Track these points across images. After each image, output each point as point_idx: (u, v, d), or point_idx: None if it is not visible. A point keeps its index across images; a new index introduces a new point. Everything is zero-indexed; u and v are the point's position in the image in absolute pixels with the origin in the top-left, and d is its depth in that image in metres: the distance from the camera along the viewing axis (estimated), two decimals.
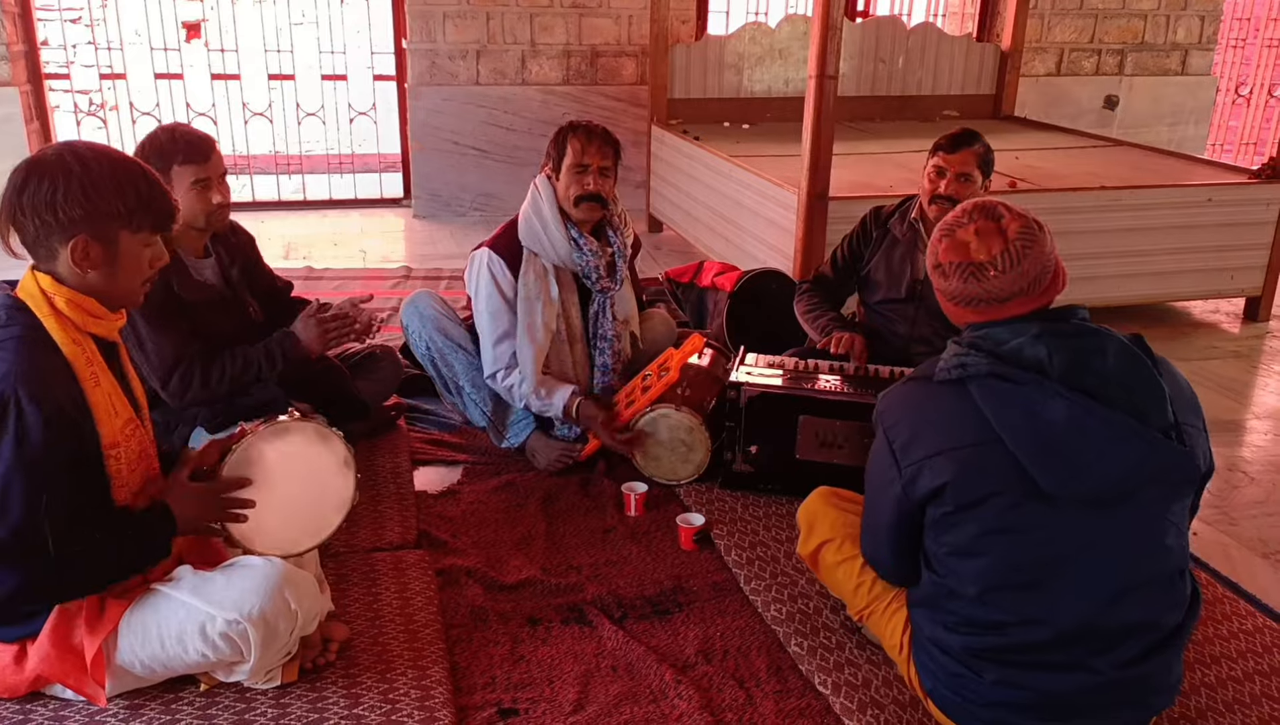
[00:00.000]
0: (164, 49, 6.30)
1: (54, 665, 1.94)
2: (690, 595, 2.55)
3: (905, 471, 1.86)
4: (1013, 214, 1.84)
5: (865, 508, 2.09)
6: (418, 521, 2.81)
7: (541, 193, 3.07)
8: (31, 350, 1.83)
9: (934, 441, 1.84)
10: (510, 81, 6.30)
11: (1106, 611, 1.82)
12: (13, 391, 1.77)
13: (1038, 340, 1.78)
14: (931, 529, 1.89)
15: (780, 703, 2.17)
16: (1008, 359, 1.79)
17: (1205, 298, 4.95)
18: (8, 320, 1.86)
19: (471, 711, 2.12)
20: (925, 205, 3.21)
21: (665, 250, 5.77)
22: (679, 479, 3.04)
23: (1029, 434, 1.75)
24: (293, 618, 1.98)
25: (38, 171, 1.82)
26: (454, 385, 3.23)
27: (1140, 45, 7.37)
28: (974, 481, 1.80)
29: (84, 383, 1.88)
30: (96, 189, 1.82)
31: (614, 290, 3.17)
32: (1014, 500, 1.78)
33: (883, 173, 4.80)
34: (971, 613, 1.88)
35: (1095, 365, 1.77)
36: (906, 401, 1.95)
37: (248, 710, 2.05)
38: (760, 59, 6.25)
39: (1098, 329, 1.82)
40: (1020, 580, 1.83)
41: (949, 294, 1.89)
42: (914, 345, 3.28)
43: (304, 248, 5.65)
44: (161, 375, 2.65)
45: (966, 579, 1.86)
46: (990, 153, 3.17)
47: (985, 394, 1.79)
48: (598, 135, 3.03)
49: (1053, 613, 1.82)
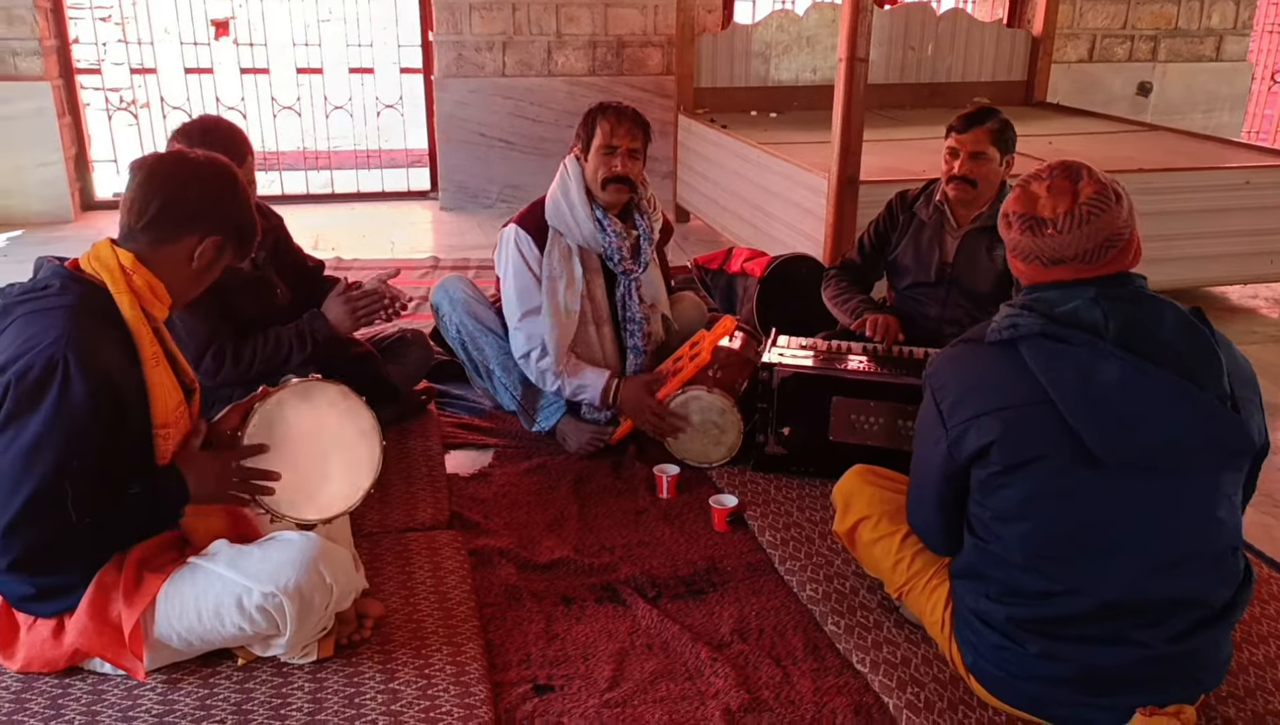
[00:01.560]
0: (194, 44, 6.33)
1: (92, 639, 1.95)
2: (724, 575, 2.53)
3: (951, 431, 1.84)
4: (1092, 178, 1.79)
5: (911, 472, 2.07)
6: (450, 503, 2.80)
7: (570, 173, 3.05)
8: (86, 319, 1.85)
9: (981, 401, 1.81)
10: (536, 73, 6.29)
11: (1153, 583, 1.78)
12: (63, 356, 1.79)
13: (1094, 303, 1.75)
14: (977, 492, 1.87)
15: (817, 680, 2.15)
16: (1062, 321, 1.76)
17: (1243, 282, 4.87)
18: (61, 289, 1.88)
19: (507, 687, 2.11)
20: (944, 186, 3.18)
21: (693, 239, 5.74)
22: (711, 461, 3.02)
23: (1080, 394, 1.72)
24: (328, 592, 1.98)
25: (220, 168, 2.01)
26: (484, 369, 3.22)
27: (1174, 31, 7.27)
28: (1021, 442, 1.77)
29: (145, 361, 1.91)
30: (241, 207, 2.03)
31: (636, 273, 3.15)
32: (1061, 464, 1.75)
33: (913, 158, 4.75)
34: (1016, 581, 1.85)
35: (1152, 331, 1.74)
36: (956, 362, 1.92)
37: (284, 684, 2.06)
38: (787, 47, 6.21)
39: (1156, 296, 1.79)
40: (1065, 547, 1.80)
41: (1009, 244, 1.86)
42: (946, 327, 3.24)
43: (332, 239, 5.67)
44: (195, 355, 2.66)
45: (1011, 545, 1.83)
46: (1008, 129, 3.11)
47: (1036, 354, 1.76)
48: (627, 116, 3.01)
49: (1097, 582, 1.79)
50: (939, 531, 2.02)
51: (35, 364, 1.78)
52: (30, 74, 5.67)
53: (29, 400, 1.79)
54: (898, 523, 2.16)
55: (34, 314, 1.86)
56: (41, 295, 1.88)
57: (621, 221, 3.09)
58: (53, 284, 1.89)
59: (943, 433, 1.86)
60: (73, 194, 5.85)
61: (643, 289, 3.18)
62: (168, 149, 2.51)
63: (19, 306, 1.88)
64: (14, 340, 1.84)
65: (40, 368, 1.78)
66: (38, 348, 1.79)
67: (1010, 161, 3.15)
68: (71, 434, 1.81)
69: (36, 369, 1.78)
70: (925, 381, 1.96)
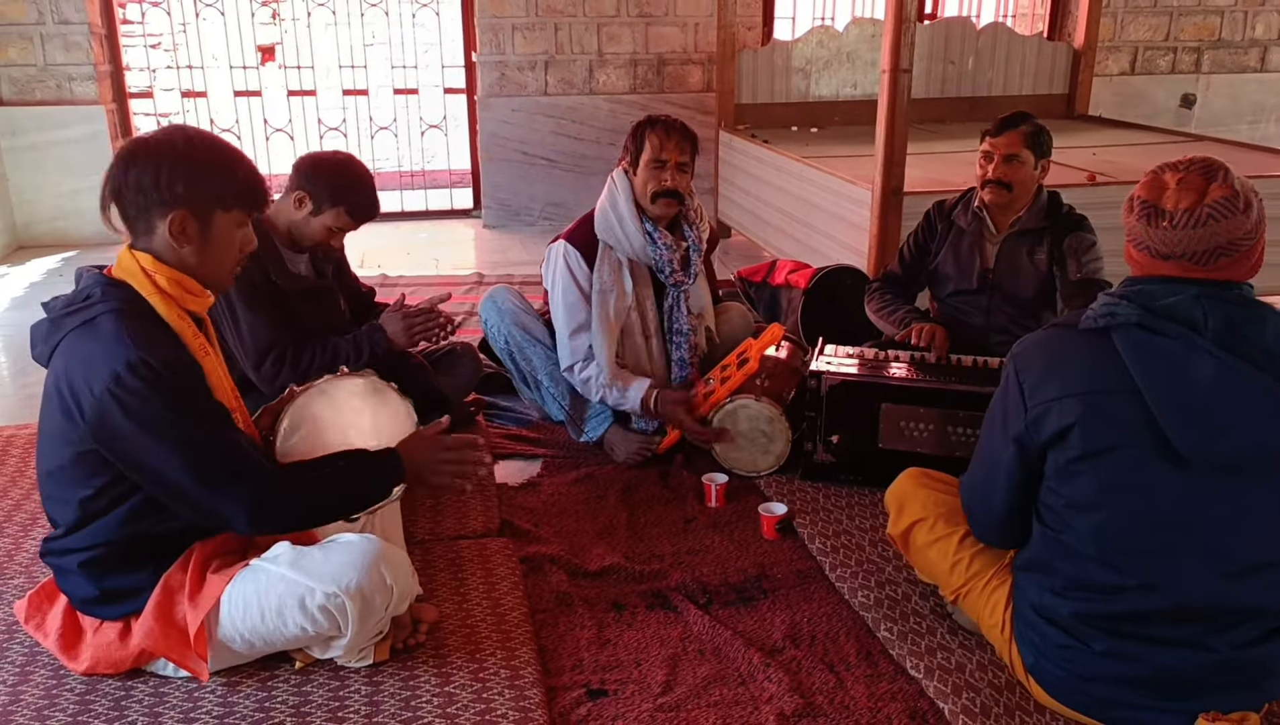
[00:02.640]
0: (243, 66, 6.47)
1: (158, 640, 1.99)
2: (775, 582, 2.53)
3: (1032, 410, 1.82)
4: (1226, 182, 1.74)
5: (978, 454, 2.04)
6: (500, 511, 2.83)
7: (618, 187, 3.08)
8: (133, 321, 1.89)
9: (1066, 384, 1.80)
10: (578, 91, 6.36)
11: (1227, 587, 1.76)
12: (137, 356, 1.83)
13: (1195, 301, 1.72)
14: (1052, 478, 1.84)
15: (871, 686, 2.14)
16: (1160, 313, 1.73)
17: None
18: (103, 296, 1.91)
19: (560, 692, 2.12)
20: (980, 191, 3.17)
21: (735, 254, 5.76)
22: (759, 470, 3.03)
23: (1171, 389, 1.70)
24: (388, 593, 2.01)
25: (144, 149, 1.90)
26: (532, 379, 3.25)
27: (1217, 42, 7.20)
28: (1101, 429, 1.75)
29: (195, 352, 1.95)
30: (197, 167, 1.90)
31: (687, 285, 3.17)
32: (1139, 457, 1.73)
33: (954, 171, 4.73)
34: (1086, 573, 1.83)
35: (1251, 333, 1.71)
36: (1044, 344, 1.90)
37: (342, 687, 2.08)
38: (827, 63, 6.23)
39: (1260, 301, 1.76)
40: (1140, 541, 1.78)
41: (1126, 227, 1.83)
42: (991, 335, 3.23)
43: (377, 256, 5.75)
44: (256, 358, 2.73)
45: (1084, 535, 1.81)
46: (1042, 133, 3.11)
47: (1129, 343, 1.74)
48: (676, 130, 3.04)
49: (1172, 581, 1.77)
50: (999, 520, 1.99)
51: (119, 372, 1.81)
52: (85, 98, 5.82)
53: (144, 398, 1.82)
54: (954, 524, 2.15)
55: (85, 327, 1.89)
56: (85, 306, 1.91)
57: (671, 233, 3.12)
58: (94, 293, 1.92)
59: (1022, 412, 1.84)
60: None
61: (690, 300, 3.20)
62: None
63: (67, 320, 1.92)
64: (77, 357, 1.87)
65: (127, 372, 1.81)
66: (110, 359, 1.82)
67: (1046, 166, 3.14)
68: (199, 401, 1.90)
69: (125, 374, 1.81)
70: (1010, 361, 1.93)
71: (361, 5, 6.44)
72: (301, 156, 2.92)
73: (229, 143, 2.04)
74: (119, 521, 1.97)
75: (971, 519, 2.08)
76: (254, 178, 2.00)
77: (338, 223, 2.83)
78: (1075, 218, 3.16)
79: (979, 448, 2.05)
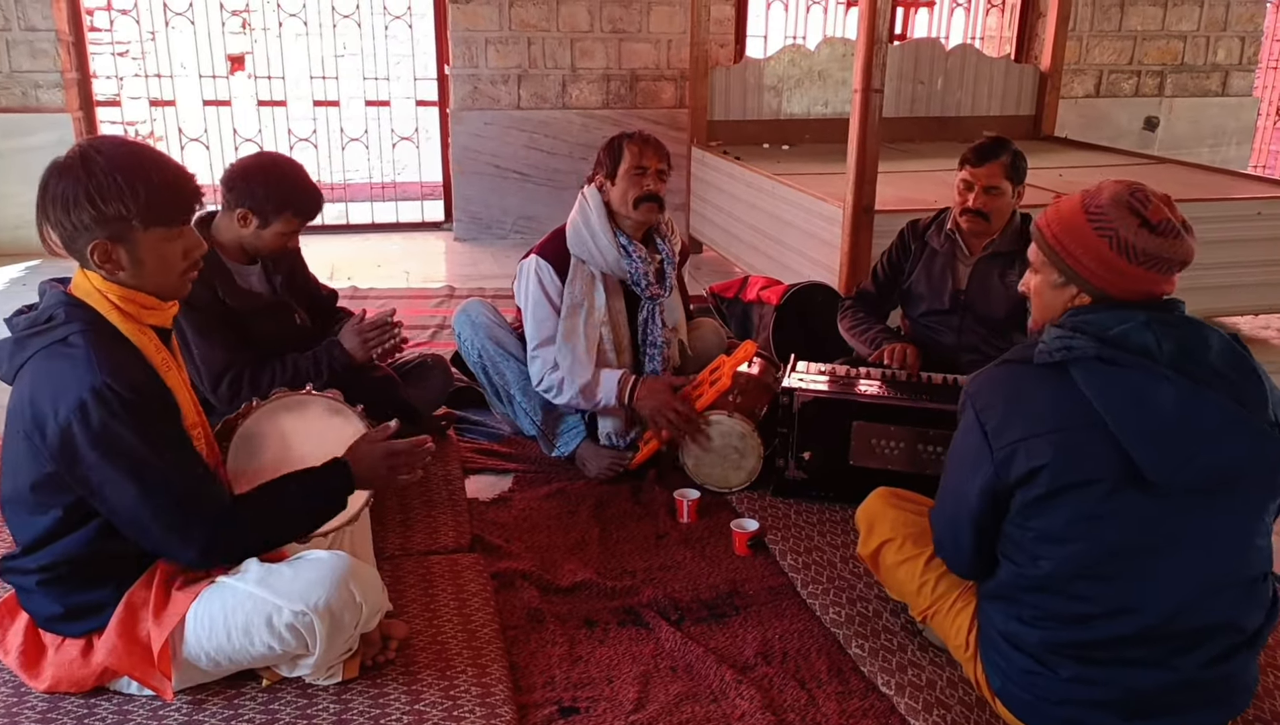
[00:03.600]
0: (212, 76, 6.42)
1: (121, 658, 1.96)
2: (746, 599, 2.53)
3: (998, 453, 1.82)
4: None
5: (942, 495, 2.05)
6: (471, 527, 2.81)
7: (590, 202, 3.08)
8: (100, 342, 1.86)
9: (1031, 423, 1.80)
10: (551, 105, 6.36)
11: (1193, 608, 1.78)
12: (103, 382, 1.80)
13: (1145, 327, 1.74)
14: (1019, 514, 1.85)
15: (843, 703, 2.14)
16: (1114, 343, 1.75)
17: (1255, 313, 4.89)
18: (67, 317, 1.88)
19: (532, 709, 2.11)
20: (957, 217, 3.21)
21: (707, 270, 5.78)
22: (731, 486, 3.03)
23: (1136, 418, 1.72)
24: (357, 610, 1.98)
25: (54, 176, 1.84)
26: (505, 393, 3.24)
27: (1180, 66, 7.34)
28: (1073, 465, 1.76)
29: (158, 368, 1.92)
30: (101, 192, 1.80)
31: (663, 296, 3.18)
32: (1111, 487, 1.74)
33: (924, 189, 4.79)
34: (1054, 605, 1.84)
35: (1201, 355, 1.74)
36: (1001, 383, 1.90)
37: (310, 705, 2.06)
38: (799, 81, 6.28)
39: (1200, 321, 1.79)
40: (1110, 569, 1.79)
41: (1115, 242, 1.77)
42: (962, 354, 3.26)
43: (347, 269, 5.72)
44: (211, 381, 2.70)
45: (1051, 566, 1.82)
46: (1020, 160, 3.15)
47: (1089, 377, 1.75)
48: (652, 141, 3.08)
49: (1141, 604, 1.78)
50: (970, 556, 1.99)
51: (85, 399, 1.78)
52: (52, 106, 5.76)
53: (106, 430, 1.80)
54: (922, 545, 2.16)
55: (51, 350, 1.86)
56: (48, 328, 1.88)
57: (644, 246, 3.12)
58: (57, 315, 1.88)
59: (988, 454, 1.84)
60: None
61: (664, 313, 3.21)
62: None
63: (32, 341, 1.88)
64: (43, 383, 1.84)
65: (93, 401, 1.79)
66: (76, 385, 1.80)
67: (1021, 192, 3.18)
68: (163, 433, 1.87)
69: (91, 404, 1.78)
70: (965, 402, 1.93)
71: (334, 16, 6.42)
72: (227, 171, 2.80)
73: (145, 152, 1.91)
74: (81, 542, 1.94)
75: (942, 554, 2.08)
76: (168, 191, 1.87)
77: (288, 228, 2.79)
78: None
79: (944, 484, 2.04)
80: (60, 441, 1.80)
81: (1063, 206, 1.86)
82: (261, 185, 2.73)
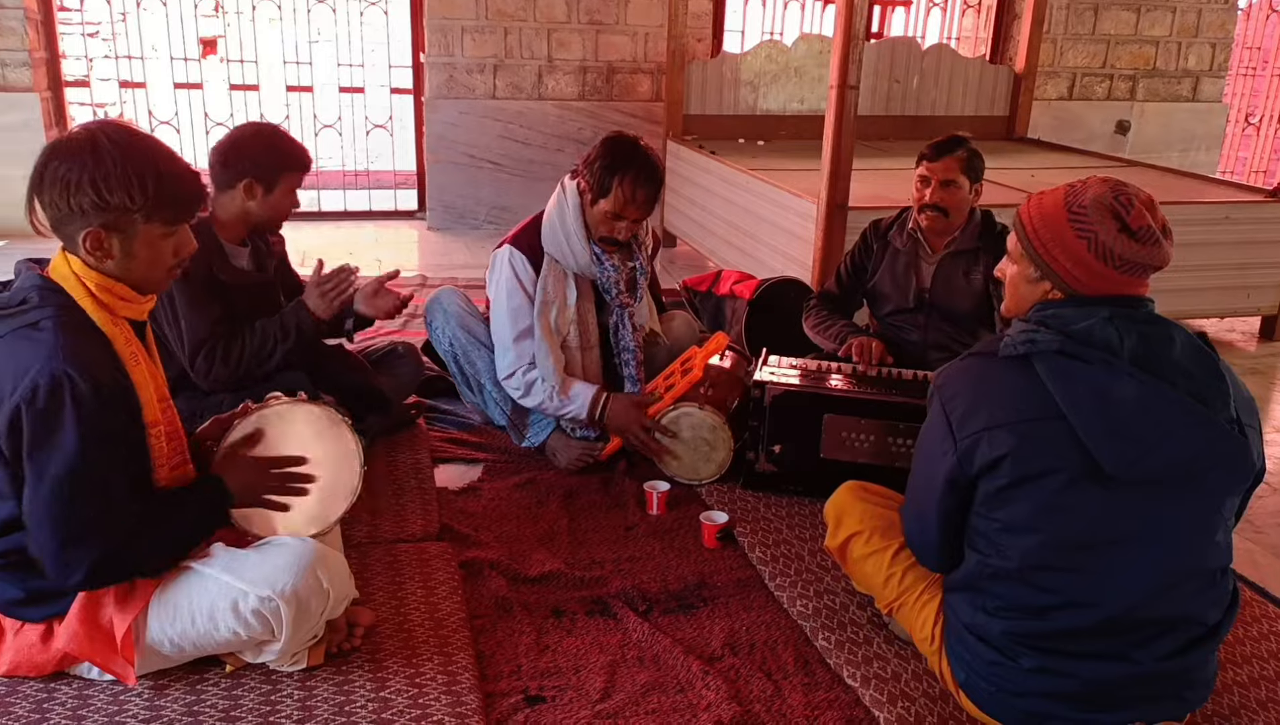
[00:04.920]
0: (184, 59, 6.34)
1: (82, 644, 1.93)
2: (714, 590, 2.53)
3: (961, 443, 1.84)
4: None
5: (911, 486, 2.07)
6: (439, 515, 2.80)
7: (569, 201, 3.01)
8: (70, 330, 1.83)
9: (994, 414, 1.82)
10: (527, 96, 6.34)
11: (1153, 601, 1.81)
12: (63, 370, 1.76)
13: (1108, 323, 1.77)
14: (983, 505, 1.87)
15: (809, 695, 2.15)
16: (1077, 338, 1.78)
17: (1221, 316, 4.95)
18: (41, 301, 1.85)
19: (498, 698, 2.10)
20: (916, 216, 3.23)
21: (680, 264, 5.78)
22: (700, 478, 3.03)
23: (1096, 412, 1.74)
24: (324, 596, 1.97)
25: (57, 156, 1.80)
26: (475, 383, 3.22)
27: (1152, 71, 7.42)
28: (1033, 456, 1.78)
29: (125, 362, 1.89)
30: (108, 181, 1.78)
31: (632, 306, 3.16)
32: (1070, 478, 1.77)
33: (896, 187, 4.81)
34: (1016, 595, 1.86)
35: (1164, 352, 1.76)
36: (966, 374, 1.92)
37: (274, 691, 2.04)
38: (775, 77, 6.29)
39: (1166, 319, 1.81)
40: (1072, 561, 1.81)
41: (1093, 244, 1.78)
42: (930, 352, 3.28)
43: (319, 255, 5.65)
44: (191, 353, 2.70)
45: (1015, 557, 1.84)
46: (976, 158, 3.16)
47: (1052, 370, 1.78)
48: (643, 186, 2.92)
49: (1099, 597, 1.81)
50: (937, 548, 2.01)
51: (39, 384, 1.75)
52: (19, 85, 5.66)
53: (48, 421, 1.77)
54: (889, 538, 2.17)
55: (19, 332, 1.83)
56: (20, 311, 1.85)
57: (619, 252, 3.10)
58: (30, 298, 1.85)
59: (952, 444, 1.86)
60: None
61: (635, 317, 3.19)
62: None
63: (2, 322, 1.86)
64: (5, 364, 1.81)
65: (45, 387, 1.75)
66: (35, 368, 1.76)
67: (978, 190, 3.20)
68: (103, 441, 1.80)
69: (42, 389, 1.75)
70: (933, 393, 1.95)
71: (308, 1, 6.36)
72: (216, 150, 2.79)
73: (155, 145, 1.90)
74: None
75: (911, 545, 2.10)
76: (179, 186, 1.87)
77: (291, 186, 2.84)
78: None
79: (912, 478, 2.07)
80: (9, 422, 1.78)
81: (1046, 201, 1.87)
82: (258, 152, 2.77)
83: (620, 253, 3.11)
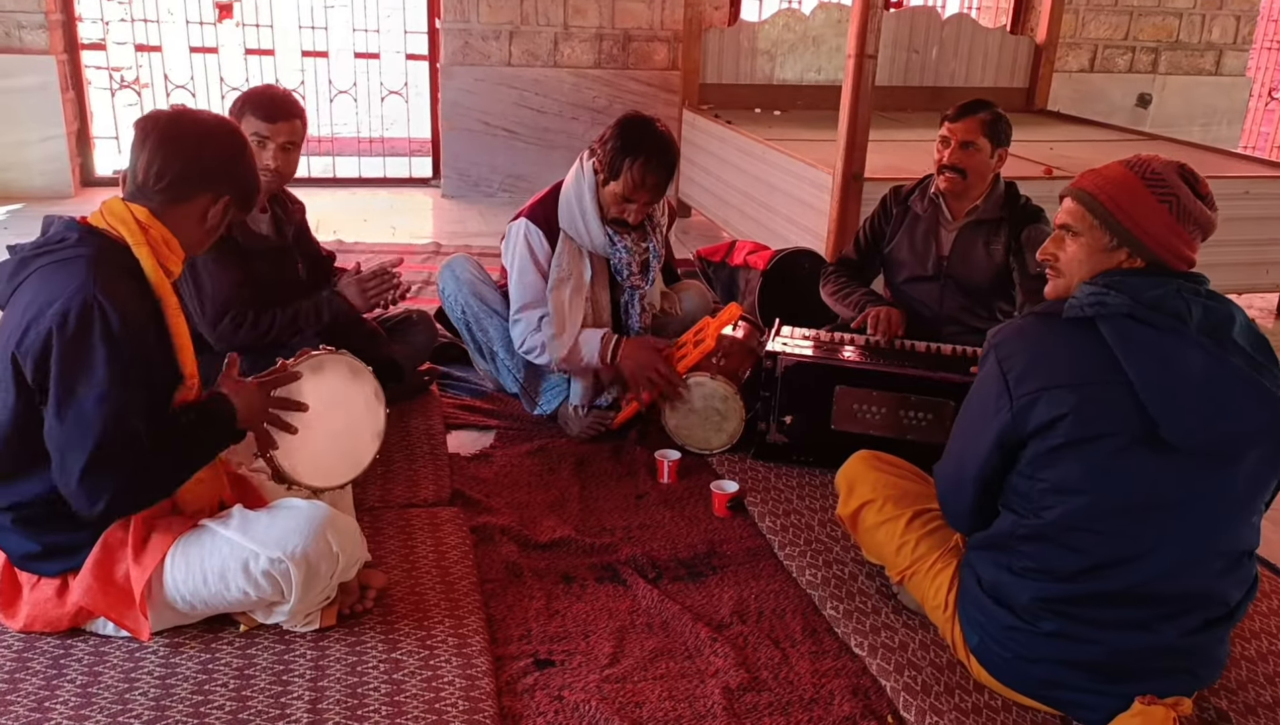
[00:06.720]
0: (200, 22, 6.33)
1: (97, 598, 1.96)
2: (724, 559, 2.54)
3: (1018, 401, 1.84)
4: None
5: (952, 443, 2.06)
6: (451, 481, 2.81)
7: (585, 178, 2.99)
8: (105, 264, 1.86)
9: (1054, 374, 1.82)
10: (542, 63, 6.30)
11: (1182, 572, 1.82)
12: (94, 297, 1.80)
13: (1178, 294, 1.78)
14: (1029, 465, 1.87)
15: (816, 663, 2.16)
16: (1149, 305, 1.78)
17: (1240, 292, 4.90)
18: (79, 240, 1.89)
19: (508, 661, 2.12)
20: (936, 178, 3.18)
21: (694, 234, 5.76)
22: (711, 448, 3.04)
23: (1163, 378, 1.74)
24: (334, 559, 1.99)
25: (231, 128, 2.09)
26: (488, 350, 3.23)
27: (1175, 44, 7.32)
28: (1092, 418, 1.78)
29: (169, 312, 1.93)
30: (253, 169, 2.10)
31: (644, 289, 3.15)
32: (1125, 442, 1.77)
33: (915, 159, 4.76)
34: (1047, 557, 1.87)
35: (1226, 328, 1.78)
36: (1027, 333, 1.92)
37: (287, 651, 2.06)
38: (793, 46, 6.23)
39: (1224, 297, 1.83)
40: (1111, 524, 1.82)
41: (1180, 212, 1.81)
42: (944, 325, 3.25)
43: (333, 223, 5.67)
44: (214, 315, 2.74)
45: (1054, 517, 1.84)
46: (1001, 121, 3.10)
47: (1119, 334, 1.78)
48: (654, 171, 2.91)
49: (1133, 561, 1.81)
50: (971, 507, 2.00)
51: (70, 309, 1.79)
52: (35, 48, 5.65)
53: (78, 346, 1.80)
54: (902, 506, 2.18)
55: (54, 265, 1.86)
56: (58, 247, 1.88)
57: (634, 233, 3.08)
58: (69, 237, 1.89)
59: (1008, 402, 1.85)
60: (73, 169, 5.84)
61: (645, 299, 3.19)
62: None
63: (36, 260, 1.89)
64: (38, 292, 1.84)
65: (76, 312, 1.79)
66: (67, 294, 1.80)
67: (1003, 156, 3.14)
68: (129, 370, 1.83)
69: (74, 314, 1.79)
70: (989, 350, 1.94)
71: None
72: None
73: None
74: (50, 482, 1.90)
75: (944, 506, 2.10)
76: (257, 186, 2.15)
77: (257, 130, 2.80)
78: (1032, 210, 3.18)
79: (954, 436, 2.06)
80: (41, 347, 1.80)
81: (1110, 172, 1.88)
82: (231, 112, 2.83)
83: (634, 234, 3.09)
